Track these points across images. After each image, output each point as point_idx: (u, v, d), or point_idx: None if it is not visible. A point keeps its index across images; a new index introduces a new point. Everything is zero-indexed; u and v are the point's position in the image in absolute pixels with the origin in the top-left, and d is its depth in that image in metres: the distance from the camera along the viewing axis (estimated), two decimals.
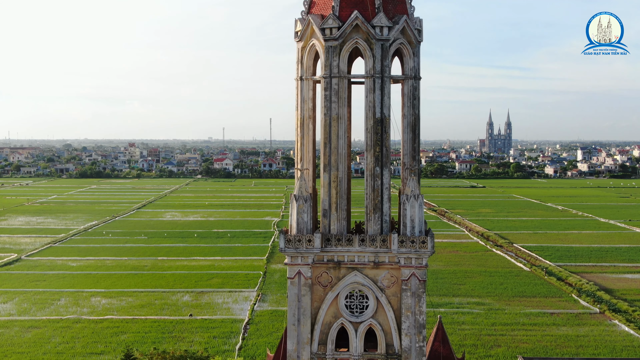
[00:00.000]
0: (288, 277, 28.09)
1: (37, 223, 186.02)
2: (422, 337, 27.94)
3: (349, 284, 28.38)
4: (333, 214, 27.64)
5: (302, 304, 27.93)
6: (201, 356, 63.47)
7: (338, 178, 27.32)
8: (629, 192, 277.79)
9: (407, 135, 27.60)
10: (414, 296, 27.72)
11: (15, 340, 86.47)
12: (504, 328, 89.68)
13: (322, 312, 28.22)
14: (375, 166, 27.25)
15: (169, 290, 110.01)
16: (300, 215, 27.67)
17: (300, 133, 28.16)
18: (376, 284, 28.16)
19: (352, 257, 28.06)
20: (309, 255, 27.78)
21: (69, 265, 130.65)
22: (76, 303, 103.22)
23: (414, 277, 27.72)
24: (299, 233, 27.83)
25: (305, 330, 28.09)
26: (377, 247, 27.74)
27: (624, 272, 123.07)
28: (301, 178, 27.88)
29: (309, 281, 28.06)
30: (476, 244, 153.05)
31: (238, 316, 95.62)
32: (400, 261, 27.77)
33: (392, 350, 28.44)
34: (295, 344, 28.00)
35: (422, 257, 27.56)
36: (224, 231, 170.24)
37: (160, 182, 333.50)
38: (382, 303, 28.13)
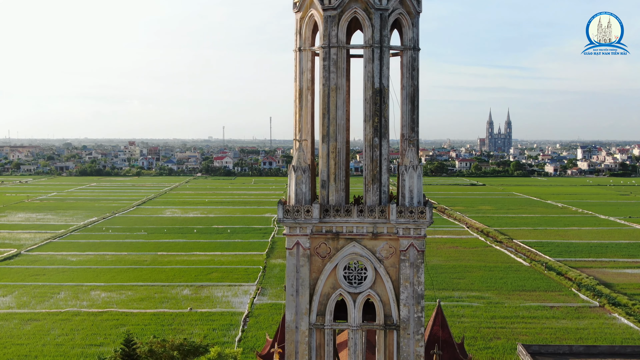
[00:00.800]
0: (286, 247, 28.02)
1: (36, 219, 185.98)
2: (421, 308, 27.87)
3: (348, 255, 28.31)
4: (332, 185, 27.59)
5: (300, 274, 27.87)
6: (200, 344, 63.45)
7: (337, 149, 27.26)
8: (629, 190, 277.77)
9: (406, 107, 27.58)
10: (413, 267, 27.66)
11: (14, 332, 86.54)
12: (503, 321, 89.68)
13: (321, 283, 28.16)
14: (374, 137, 27.21)
15: (168, 284, 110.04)
16: (298, 186, 27.61)
17: (299, 105, 28.12)
18: (375, 255, 28.08)
19: (351, 227, 27.98)
20: (308, 226, 27.73)
21: (68, 259, 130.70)
22: (76, 296, 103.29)
23: (413, 248, 27.64)
24: (298, 204, 27.77)
25: (303, 301, 28.04)
26: (375, 218, 27.66)
27: (624, 267, 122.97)
28: (299, 149, 27.84)
29: (307, 252, 27.99)
30: (476, 240, 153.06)
31: (238, 309, 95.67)
32: (398, 232, 27.69)
33: (390, 321, 28.36)
34: (293, 315, 27.93)
35: (420, 228, 27.49)
36: (224, 227, 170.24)
37: (160, 180, 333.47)
38: (380, 274, 28.06)
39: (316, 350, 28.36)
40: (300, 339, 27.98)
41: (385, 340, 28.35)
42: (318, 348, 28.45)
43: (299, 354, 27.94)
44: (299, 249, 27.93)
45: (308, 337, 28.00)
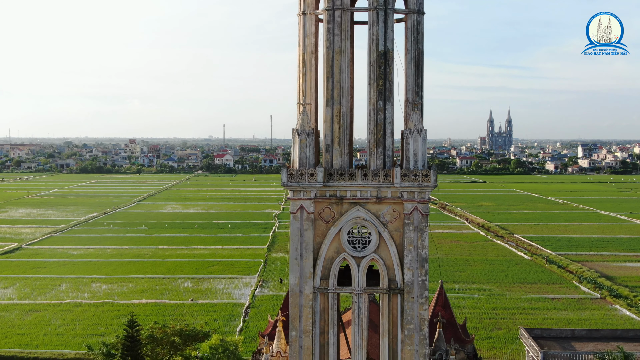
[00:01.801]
0: (290, 211, 27.95)
1: (37, 214, 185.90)
2: (425, 271, 27.81)
3: (352, 219, 28.25)
4: (335, 149, 27.52)
5: (304, 238, 27.80)
6: (201, 330, 63.40)
7: (341, 112, 27.18)
8: (629, 187, 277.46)
9: (410, 71, 27.50)
10: (417, 230, 27.60)
11: (15, 323, 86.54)
12: (504, 312, 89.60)
13: (325, 247, 28.11)
14: (378, 100, 27.14)
15: (169, 277, 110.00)
16: (302, 150, 27.53)
17: (303, 69, 28.04)
18: (379, 219, 28.01)
19: (355, 192, 27.91)
20: (312, 189, 27.64)
21: (69, 253, 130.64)
22: (77, 288, 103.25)
23: (417, 211, 27.58)
24: (302, 167, 27.70)
25: (307, 264, 27.99)
26: (379, 182, 27.59)
27: (625, 261, 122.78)
28: (303, 113, 27.77)
29: (311, 216, 27.92)
30: (477, 235, 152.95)
31: (239, 300, 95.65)
32: (402, 195, 27.62)
33: (394, 285, 28.31)
34: (297, 279, 27.88)
35: (424, 191, 27.42)
36: (225, 222, 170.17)
37: (160, 177, 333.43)
38: (384, 238, 27.99)
39: (320, 314, 28.32)
40: (304, 303, 27.94)
41: (389, 304, 28.30)
42: (322, 312, 28.42)
43: (303, 317, 27.91)
44: (302, 212, 27.86)
45: (312, 301, 27.97)
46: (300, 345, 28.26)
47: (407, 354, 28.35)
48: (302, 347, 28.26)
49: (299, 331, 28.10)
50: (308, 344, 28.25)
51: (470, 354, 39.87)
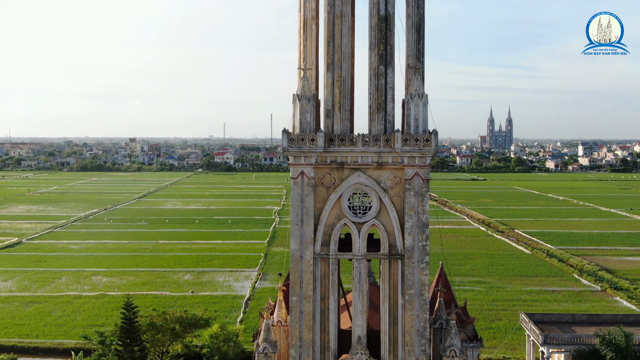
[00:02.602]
0: (291, 177, 27.89)
1: (37, 211, 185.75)
2: (425, 237, 27.78)
3: (352, 185, 28.21)
4: (336, 114, 27.48)
5: (305, 204, 27.76)
6: (202, 317, 63.38)
7: (342, 77, 27.15)
8: (630, 184, 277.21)
9: (411, 36, 27.46)
10: (418, 195, 27.55)
11: (15, 314, 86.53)
12: (505, 304, 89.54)
13: (325, 213, 28.07)
14: (379, 65, 27.11)
15: (169, 270, 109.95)
16: (303, 115, 27.48)
17: (304, 35, 27.98)
18: (379, 185, 27.96)
19: (356, 157, 27.86)
20: (312, 155, 27.59)
21: (69, 247, 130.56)
22: (77, 281, 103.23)
23: (418, 177, 27.53)
24: (302, 133, 27.66)
25: (308, 230, 27.96)
26: (380, 147, 27.54)
27: (626, 255, 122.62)
28: (304, 78, 27.70)
29: (312, 181, 27.87)
30: (477, 230, 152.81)
31: (239, 293, 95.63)
32: (403, 160, 27.57)
33: (395, 250, 28.25)
34: (298, 244, 27.85)
35: (425, 156, 27.38)
36: (225, 218, 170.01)
37: (161, 175, 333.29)
38: (385, 204, 27.94)
39: (321, 280, 28.29)
40: (305, 268, 27.91)
41: (389, 270, 28.27)
42: (323, 278, 28.39)
43: (303, 282, 27.89)
44: (303, 178, 27.81)
45: (313, 267, 27.93)
46: (301, 310, 28.23)
47: (407, 319, 28.33)
48: (302, 312, 28.24)
49: (299, 296, 28.07)
50: (309, 309, 28.23)
51: (470, 334, 39.80)
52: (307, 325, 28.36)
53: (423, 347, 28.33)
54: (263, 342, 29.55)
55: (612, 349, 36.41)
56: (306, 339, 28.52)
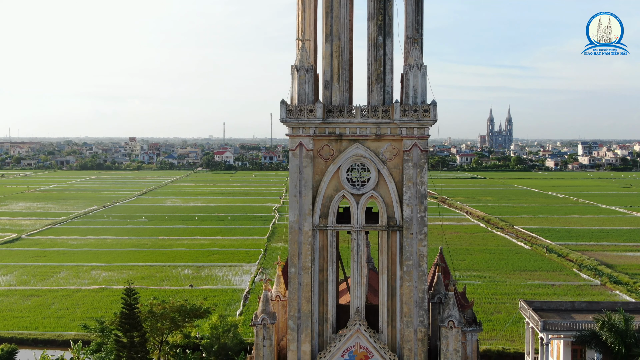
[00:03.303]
0: (289, 148, 27.89)
1: (37, 208, 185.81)
2: (424, 208, 27.76)
3: (351, 157, 28.19)
4: (335, 85, 27.46)
5: (303, 175, 27.74)
6: (201, 306, 63.42)
7: (340, 48, 27.13)
8: (629, 182, 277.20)
9: (410, 7, 27.43)
10: (416, 167, 27.54)
11: (15, 307, 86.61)
12: (504, 297, 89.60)
13: (324, 185, 28.04)
14: (378, 35, 27.10)
15: (169, 265, 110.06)
16: (301, 86, 27.46)
17: (302, 6, 27.93)
18: (378, 156, 27.93)
19: (354, 129, 27.86)
20: (311, 126, 27.58)
21: (69, 243, 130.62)
22: (76, 275, 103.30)
23: (416, 148, 27.51)
24: (301, 104, 27.64)
25: (306, 201, 27.92)
26: (379, 118, 27.53)
27: (625, 251, 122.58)
28: (302, 49, 27.70)
29: (310, 153, 27.85)
30: (477, 226, 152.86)
31: (238, 286, 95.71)
32: (402, 132, 27.56)
33: (393, 222, 28.22)
34: (296, 216, 27.83)
35: (424, 127, 27.39)
36: (225, 215, 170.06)
37: (160, 174, 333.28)
38: (383, 175, 27.91)
39: (319, 251, 28.28)
40: (303, 240, 27.89)
41: (388, 241, 28.26)
42: (321, 250, 28.37)
43: (302, 254, 27.85)
44: (302, 150, 27.79)
45: (311, 238, 27.91)
46: (300, 282, 28.22)
47: (406, 290, 28.33)
48: (301, 284, 28.22)
49: (298, 268, 28.05)
50: (307, 280, 28.21)
51: (469, 318, 39.72)
52: (305, 296, 28.37)
53: (421, 318, 28.34)
54: (262, 314, 29.52)
55: (612, 333, 36.38)
56: (305, 311, 28.52)
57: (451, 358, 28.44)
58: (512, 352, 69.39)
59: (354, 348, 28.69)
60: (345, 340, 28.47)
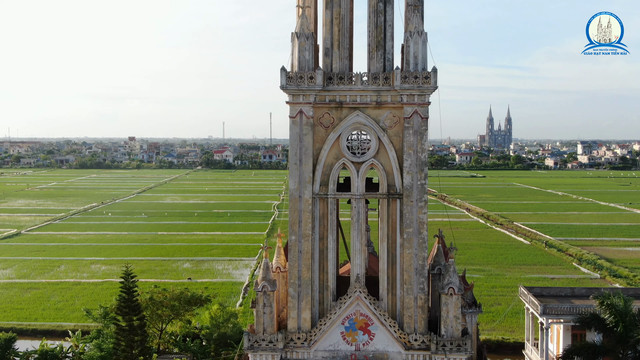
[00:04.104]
0: (289, 116, 27.92)
1: (36, 205, 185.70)
2: (424, 175, 27.75)
3: (351, 125, 28.20)
4: (335, 53, 27.48)
5: (303, 143, 27.76)
6: (201, 294, 63.37)
7: (340, 15, 27.14)
8: (629, 181, 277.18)
9: None
10: (417, 134, 27.56)
11: (14, 299, 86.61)
12: (504, 290, 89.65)
13: (324, 153, 28.05)
14: (379, 2, 27.11)
15: (168, 259, 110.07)
16: (301, 53, 27.47)
17: None
18: (378, 124, 27.94)
19: (354, 96, 27.85)
20: (311, 93, 27.58)
21: (69, 238, 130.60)
22: (76, 269, 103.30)
23: (417, 115, 27.52)
24: (301, 71, 27.64)
25: (307, 169, 27.92)
26: (379, 85, 27.52)
27: (625, 246, 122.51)
28: (302, 15, 27.72)
29: (310, 121, 27.86)
30: (476, 223, 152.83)
31: (238, 279, 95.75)
32: (402, 99, 27.56)
33: (393, 190, 28.21)
34: (297, 183, 27.80)
35: (425, 94, 27.39)
36: (224, 211, 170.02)
37: (160, 172, 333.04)
38: (384, 143, 27.92)
39: (319, 220, 28.27)
40: (303, 207, 27.90)
41: (388, 209, 28.26)
42: (321, 218, 28.37)
43: (302, 222, 27.86)
44: (302, 117, 27.80)
45: (311, 206, 27.90)
46: (300, 249, 28.23)
47: (406, 258, 28.34)
48: (301, 251, 28.24)
49: (298, 236, 28.07)
50: (307, 248, 28.23)
51: (469, 300, 39.82)
52: (305, 264, 28.39)
53: (421, 285, 28.37)
54: (262, 281, 29.52)
55: (611, 312, 36.45)
56: (305, 278, 28.55)
57: (451, 325, 28.42)
58: (512, 342, 69.59)
59: (354, 315, 28.75)
60: (345, 307, 28.53)
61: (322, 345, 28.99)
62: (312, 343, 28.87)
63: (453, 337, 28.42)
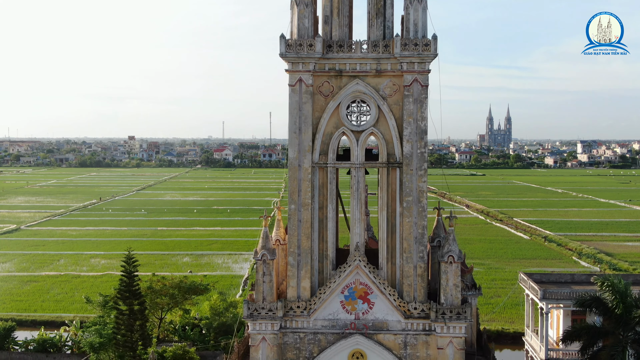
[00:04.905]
0: (289, 84, 27.89)
1: (36, 201, 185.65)
2: (424, 143, 27.75)
3: (351, 93, 28.20)
4: (335, 20, 27.47)
5: (303, 112, 27.76)
6: (201, 283, 63.34)
7: None
8: (628, 179, 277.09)
9: None
10: (416, 102, 27.55)
11: (14, 291, 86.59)
12: (503, 282, 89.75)
13: (324, 122, 28.05)
14: None
15: (168, 253, 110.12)
16: (301, 20, 27.46)
17: None
18: (378, 93, 27.93)
19: (354, 64, 27.83)
20: (310, 61, 27.58)
21: (68, 233, 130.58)
22: (76, 263, 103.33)
23: (417, 83, 27.52)
24: (300, 38, 27.65)
25: (306, 138, 27.93)
26: (379, 53, 27.51)
27: (625, 241, 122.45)
28: None
29: (310, 89, 27.84)
30: (476, 219, 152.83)
31: (238, 273, 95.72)
32: (402, 66, 27.55)
33: (393, 159, 28.20)
34: (296, 152, 27.80)
35: (425, 62, 27.41)
36: (224, 208, 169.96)
37: (159, 171, 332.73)
38: (383, 112, 27.92)
39: (319, 189, 28.25)
40: (303, 176, 27.89)
41: (388, 178, 28.25)
42: (321, 187, 28.36)
43: (302, 191, 27.85)
44: (301, 85, 27.78)
45: (311, 175, 27.89)
46: (299, 218, 28.24)
47: (405, 227, 28.35)
48: (300, 220, 28.25)
49: (297, 204, 28.08)
50: (307, 217, 28.24)
51: (469, 283, 39.82)
52: (305, 233, 28.41)
53: (421, 253, 28.38)
54: (261, 250, 29.51)
55: (612, 292, 36.49)
56: (304, 247, 28.57)
57: (451, 293, 28.41)
58: (512, 332, 69.74)
59: (354, 284, 28.77)
60: (345, 276, 28.54)
61: (321, 314, 29.00)
62: (312, 312, 28.89)
63: (453, 305, 28.43)
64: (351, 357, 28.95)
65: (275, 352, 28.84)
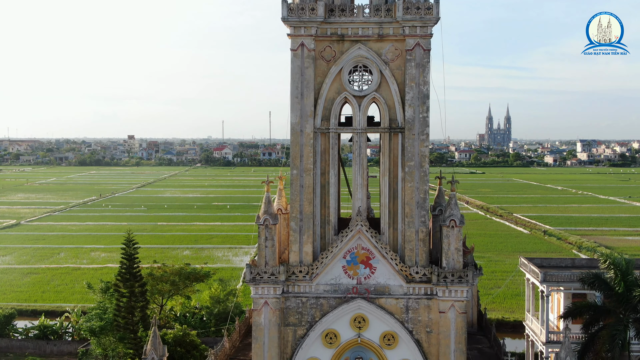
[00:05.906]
0: (291, 49, 27.93)
1: (36, 198, 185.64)
2: (426, 108, 27.77)
3: (353, 58, 28.26)
4: None
5: (304, 77, 27.82)
6: (201, 270, 63.46)
7: None
8: (628, 176, 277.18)
9: None
10: (419, 67, 27.60)
11: (14, 283, 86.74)
12: (503, 274, 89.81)
13: (326, 87, 28.10)
14: None
15: (168, 247, 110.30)
16: None
17: None
18: (380, 57, 27.98)
19: (356, 29, 27.88)
20: (312, 25, 27.62)
21: (68, 228, 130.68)
22: (76, 256, 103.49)
23: (419, 47, 27.57)
24: (302, 2, 27.78)
25: (308, 103, 27.97)
26: (381, 17, 27.57)
27: (624, 235, 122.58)
28: None
29: (312, 53, 27.90)
30: (476, 214, 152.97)
31: (238, 265, 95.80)
32: (405, 31, 27.60)
33: (395, 124, 28.24)
34: (298, 117, 27.84)
35: (427, 25, 27.44)
36: (224, 204, 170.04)
37: (159, 169, 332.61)
38: (385, 76, 27.96)
39: (321, 155, 28.30)
40: (305, 142, 27.95)
41: (389, 144, 28.29)
42: (323, 153, 28.40)
43: (304, 156, 27.89)
44: (303, 50, 27.84)
45: (313, 140, 27.94)
46: (301, 184, 28.28)
47: (407, 191, 28.38)
48: (302, 185, 28.29)
49: (299, 170, 28.13)
50: (309, 182, 28.29)
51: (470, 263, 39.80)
52: (307, 198, 28.47)
53: (422, 218, 28.45)
54: (264, 214, 29.58)
55: (614, 269, 36.60)
56: (306, 212, 28.63)
57: (453, 257, 28.46)
58: (512, 321, 69.89)
59: (356, 249, 28.79)
60: (347, 241, 28.59)
61: (323, 278, 29.04)
62: (314, 276, 28.93)
63: (454, 269, 28.47)
64: (353, 322, 29.05)
65: (277, 316, 28.94)
